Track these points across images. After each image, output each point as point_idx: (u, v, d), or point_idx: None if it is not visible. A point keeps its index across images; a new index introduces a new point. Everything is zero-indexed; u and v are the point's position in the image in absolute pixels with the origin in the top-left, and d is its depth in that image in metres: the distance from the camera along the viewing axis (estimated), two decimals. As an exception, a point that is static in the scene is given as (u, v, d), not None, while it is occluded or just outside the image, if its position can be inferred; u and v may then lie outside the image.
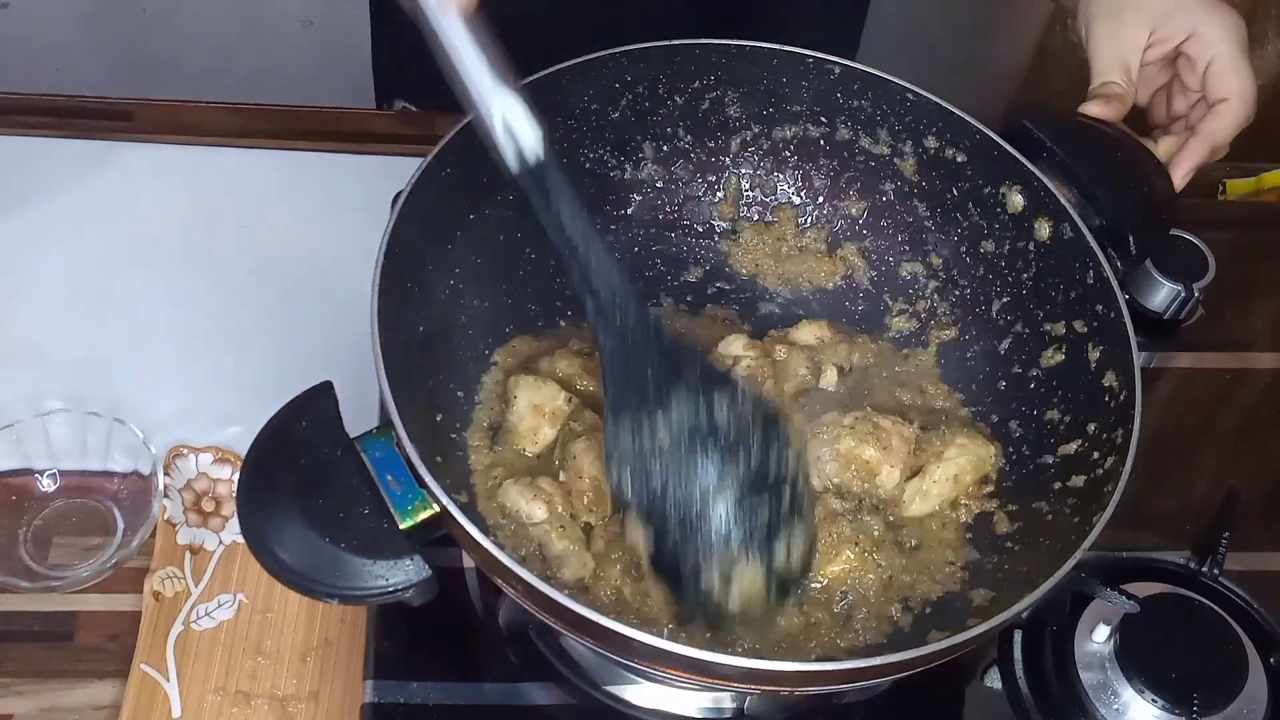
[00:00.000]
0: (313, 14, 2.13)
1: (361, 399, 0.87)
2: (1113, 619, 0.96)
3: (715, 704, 0.94)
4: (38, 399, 1.08)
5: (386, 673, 0.93)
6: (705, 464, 0.76)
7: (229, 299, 1.20)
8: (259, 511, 0.75)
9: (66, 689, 0.96)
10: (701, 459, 0.76)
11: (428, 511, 0.75)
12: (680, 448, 0.76)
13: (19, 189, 1.25)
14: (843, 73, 1.00)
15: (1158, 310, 1.22)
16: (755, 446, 0.77)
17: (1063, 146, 0.98)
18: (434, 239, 0.91)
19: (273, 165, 1.31)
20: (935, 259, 1.03)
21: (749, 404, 0.78)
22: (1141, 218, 0.98)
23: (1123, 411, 0.85)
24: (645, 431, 0.76)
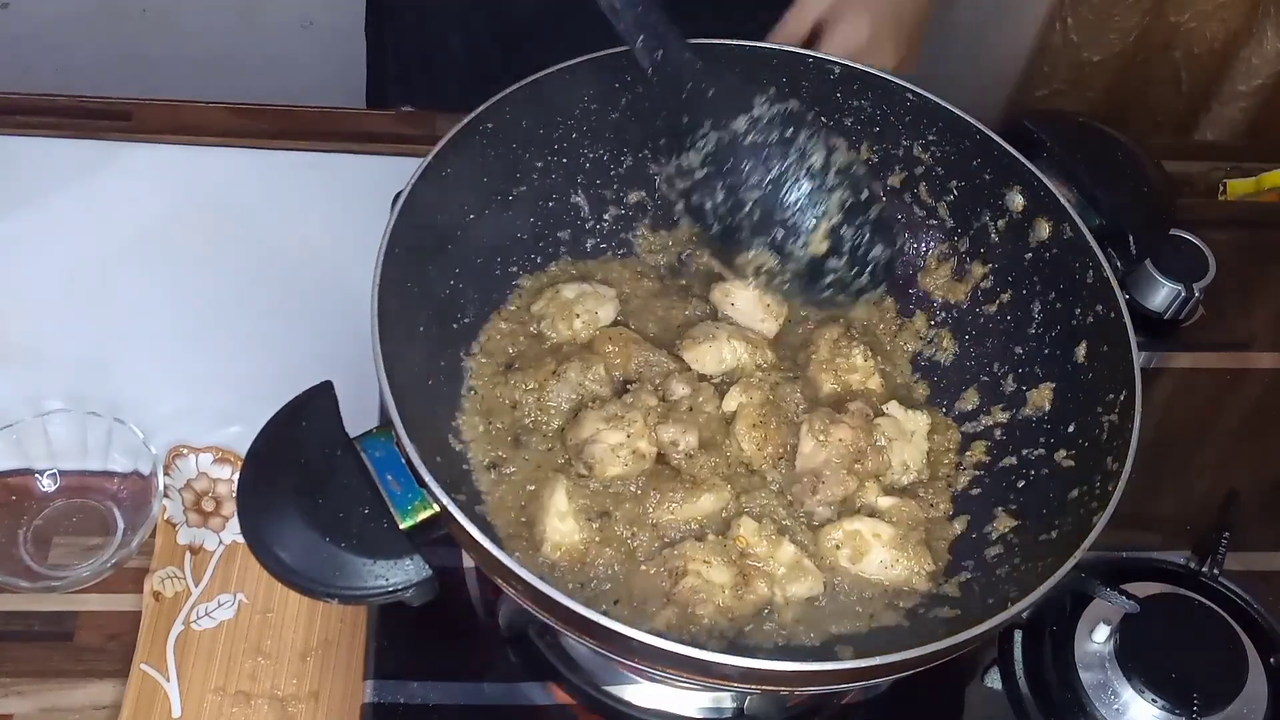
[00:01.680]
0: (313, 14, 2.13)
1: (361, 399, 0.87)
2: (1113, 619, 0.96)
3: (715, 704, 0.94)
4: (38, 399, 1.08)
5: (386, 673, 0.93)
6: (738, 177, 0.84)
7: (229, 299, 1.20)
8: (259, 511, 0.75)
9: (66, 689, 0.96)
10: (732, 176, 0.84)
11: (428, 511, 0.75)
12: (712, 171, 0.85)
13: (19, 189, 1.25)
14: (843, 73, 1.00)
15: (1158, 310, 1.22)
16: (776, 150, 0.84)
17: (1063, 146, 0.98)
18: (434, 239, 0.91)
19: (273, 165, 1.31)
20: (935, 258, 1.03)
21: (765, 112, 0.85)
22: (1141, 218, 0.98)
23: (1123, 411, 0.85)
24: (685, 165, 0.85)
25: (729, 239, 0.86)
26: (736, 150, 0.84)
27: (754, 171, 0.84)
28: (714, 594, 0.83)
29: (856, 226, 0.85)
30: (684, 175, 0.86)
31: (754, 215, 0.84)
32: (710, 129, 0.84)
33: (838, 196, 0.85)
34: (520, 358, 0.97)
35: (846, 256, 0.85)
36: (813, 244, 0.84)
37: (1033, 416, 0.95)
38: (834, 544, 0.87)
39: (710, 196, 0.85)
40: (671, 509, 0.87)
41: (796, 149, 0.85)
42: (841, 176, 0.85)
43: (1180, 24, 2.06)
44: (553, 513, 0.84)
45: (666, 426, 0.90)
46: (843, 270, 0.86)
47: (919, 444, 0.95)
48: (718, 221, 0.86)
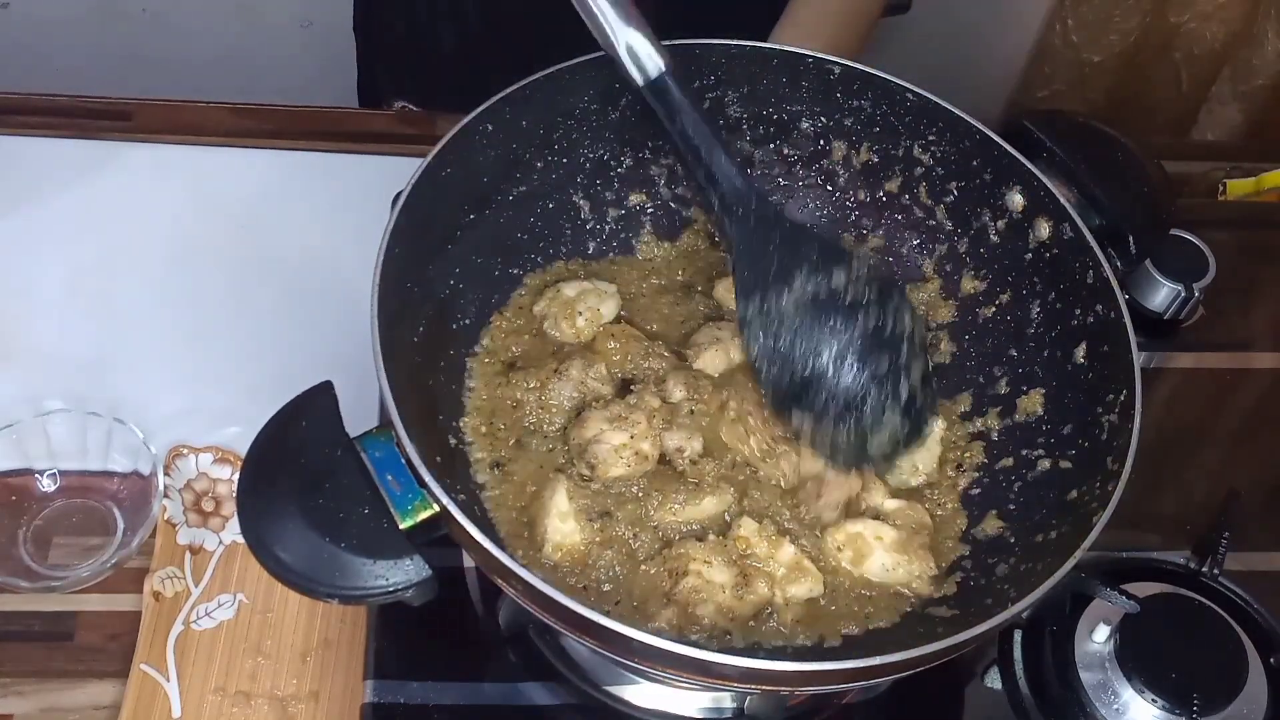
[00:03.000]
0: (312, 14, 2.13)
1: (361, 399, 0.87)
2: (1113, 619, 0.96)
3: (715, 704, 0.94)
4: (38, 399, 1.08)
5: (386, 673, 0.93)
6: (832, 324, 0.84)
7: (229, 299, 1.20)
8: (259, 511, 0.75)
9: (66, 689, 0.96)
10: (827, 320, 0.84)
11: (428, 511, 0.75)
12: (808, 313, 0.84)
13: (19, 189, 1.25)
14: (843, 73, 1.00)
15: (1158, 310, 1.22)
16: (874, 305, 0.85)
17: (1063, 146, 0.98)
18: (434, 239, 0.91)
19: (273, 165, 1.31)
20: (935, 259, 1.03)
21: (864, 270, 0.86)
22: (1141, 218, 0.98)
23: (1123, 411, 0.85)
24: (771, 310, 0.85)
25: (800, 392, 0.85)
26: (832, 303, 0.84)
27: (850, 326, 0.84)
28: (714, 594, 0.83)
29: (925, 393, 0.87)
30: (770, 318, 0.85)
31: (841, 368, 0.84)
32: (808, 277, 0.85)
33: (919, 364, 0.86)
34: (523, 357, 0.97)
35: (912, 418, 0.86)
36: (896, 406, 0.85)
37: (1030, 418, 0.95)
38: (836, 546, 0.87)
39: (804, 343, 0.84)
40: (673, 510, 0.87)
41: (891, 308, 0.85)
42: (922, 345, 0.87)
43: (1180, 24, 2.06)
44: (554, 513, 0.84)
45: (671, 433, 0.90)
46: (902, 435, 0.86)
47: (931, 447, 0.94)
48: (798, 370, 0.85)
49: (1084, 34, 2.08)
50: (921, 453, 0.93)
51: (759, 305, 0.85)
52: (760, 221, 0.87)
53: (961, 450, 0.96)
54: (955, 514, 0.93)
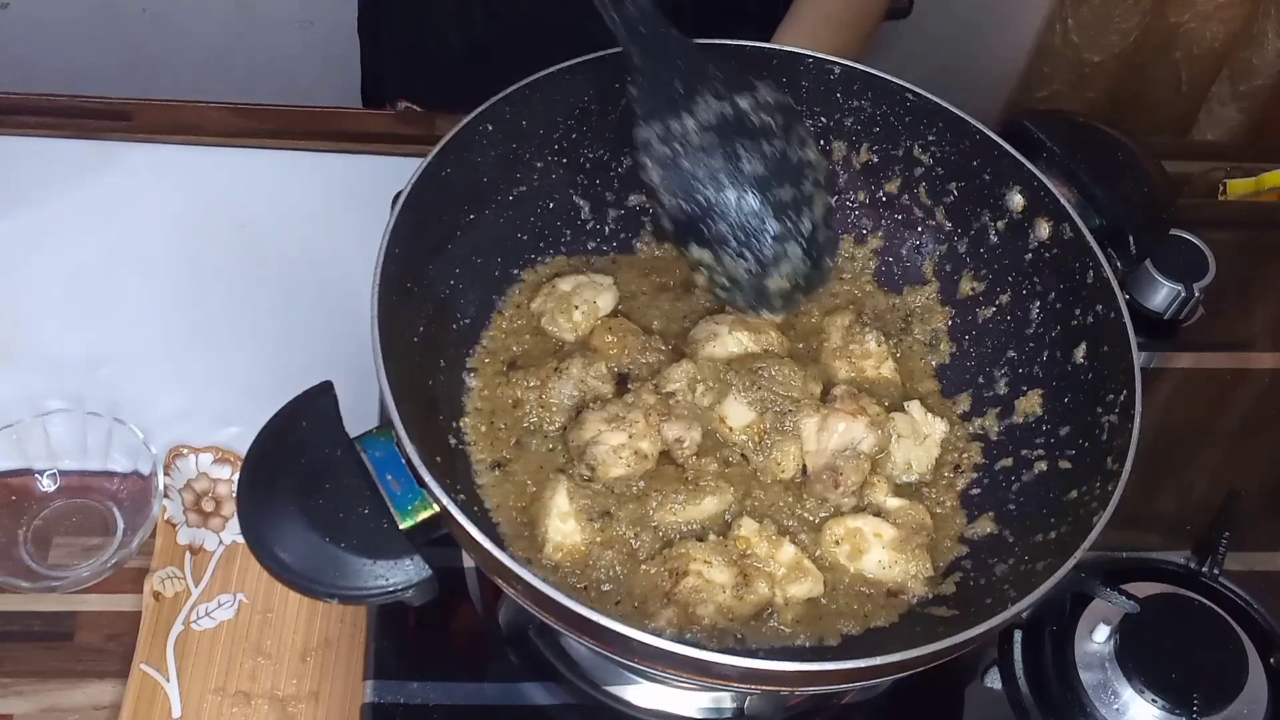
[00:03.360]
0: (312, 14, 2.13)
1: (361, 399, 0.87)
2: (1113, 619, 0.96)
3: (715, 704, 0.94)
4: (38, 399, 1.08)
5: (386, 673, 0.93)
6: (734, 149, 0.82)
7: (228, 299, 1.20)
8: (259, 511, 0.75)
9: (66, 689, 0.96)
10: (730, 145, 0.82)
11: (428, 511, 0.75)
12: (711, 137, 0.82)
13: (19, 189, 1.25)
14: (843, 73, 1.00)
15: (1158, 310, 1.22)
16: (778, 133, 0.83)
17: (1063, 146, 0.98)
18: (434, 239, 0.91)
19: (273, 165, 1.31)
20: (935, 259, 1.03)
21: (768, 97, 0.84)
22: (1141, 218, 0.98)
23: (1123, 411, 0.85)
24: (675, 132, 0.82)
25: (699, 216, 0.83)
26: (738, 125, 0.82)
27: (754, 149, 0.82)
28: (714, 594, 0.83)
29: (826, 229, 0.85)
30: (672, 139, 0.83)
31: (744, 196, 0.82)
32: (712, 99, 0.82)
33: (821, 197, 0.85)
34: (523, 356, 0.97)
35: (813, 256, 0.85)
36: (798, 237, 0.83)
37: (1030, 418, 0.95)
38: (834, 540, 0.87)
39: (705, 164, 0.82)
40: (673, 510, 0.87)
41: (796, 136, 0.84)
42: (826, 180, 0.85)
43: (1180, 24, 2.06)
44: (554, 514, 0.84)
45: (670, 424, 0.90)
46: (804, 268, 0.85)
47: (930, 449, 0.94)
48: (699, 193, 0.82)
49: (1084, 34, 2.08)
50: (918, 453, 0.93)
51: (661, 128, 0.83)
52: (664, 43, 0.85)
53: (960, 451, 0.96)
54: (954, 513, 0.93)
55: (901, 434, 0.93)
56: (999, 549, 0.89)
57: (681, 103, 0.82)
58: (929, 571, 0.87)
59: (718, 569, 0.83)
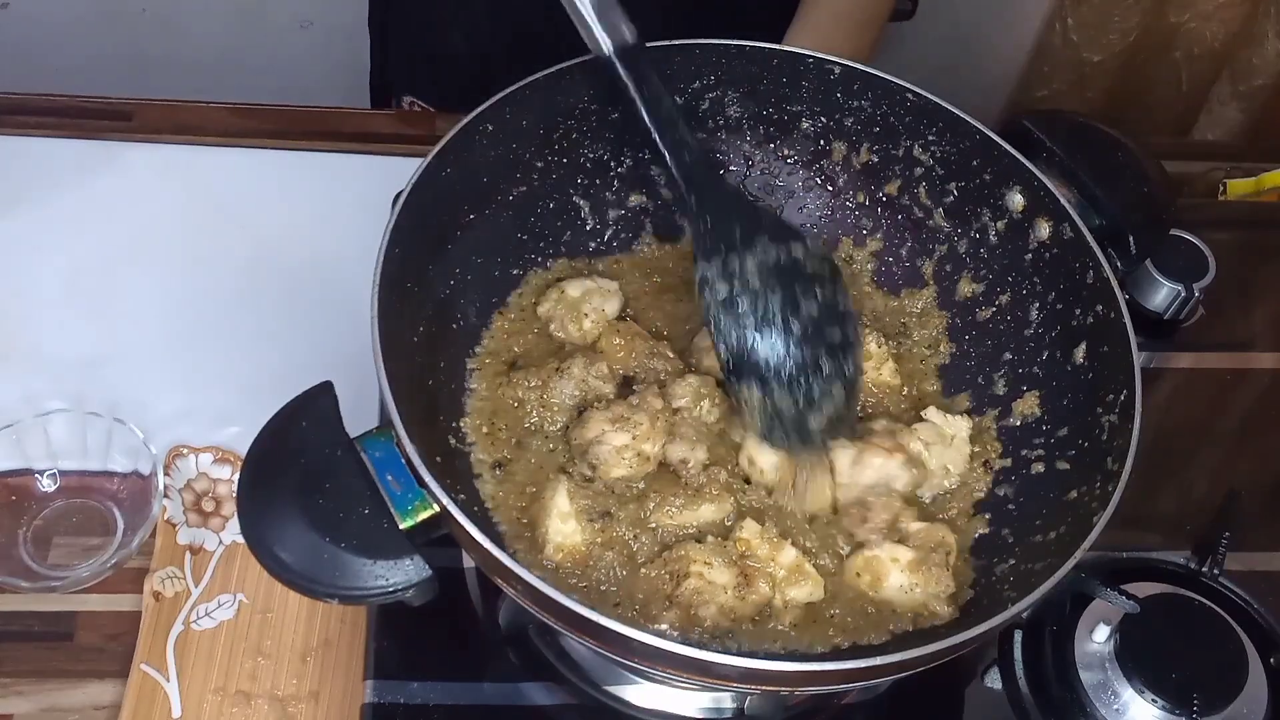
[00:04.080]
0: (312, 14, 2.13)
1: (361, 399, 0.87)
2: (1113, 619, 0.96)
3: (715, 704, 0.94)
4: (38, 399, 1.08)
5: (386, 673, 0.93)
6: (791, 292, 0.85)
7: (229, 299, 1.20)
8: (259, 511, 0.75)
9: (66, 689, 0.96)
10: (787, 287, 0.85)
11: (428, 511, 0.75)
12: (770, 277, 0.85)
13: (19, 189, 1.25)
14: (843, 73, 1.00)
15: (1158, 310, 1.22)
16: (829, 280, 0.87)
17: (1063, 146, 0.98)
18: (434, 239, 0.91)
19: (273, 165, 1.32)
20: (934, 259, 1.03)
21: (815, 247, 0.88)
22: (1141, 218, 0.98)
23: (1123, 411, 0.85)
24: (733, 270, 0.85)
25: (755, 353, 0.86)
26: (794, 270, 0.85)
27: (809, 293, 0.85)
28: (716, 595, 0.83)
29: (860, 375, 0.88)
30: (732, 278, 0.86)
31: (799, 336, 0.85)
32: (770, 243, 0.86)
33: (859, 347, 0.88)
34: (524, 356, 0.97)
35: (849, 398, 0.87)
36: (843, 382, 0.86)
37: (1029, 419, 0.95)
38: (854, 572, 0.86)
39: (764, 303, 0.85)
40: (670, 513, 0.87)
41: (841, 286, 0.87)
42: (859, 331, 0.89)
43: (1180, 24, 2.06)
44: (554, 514, 0.84)
45: (675, 445, 0.90)
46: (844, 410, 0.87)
47: (960, 448, 0.94)
48: (758, 331, 0.85)
49: (1084, 34, 2.08)
50: (950, 454, 0.93)
51: (721, 264, 0.86)
52: (721, 190, 0.89)
53: (987, 444, 0.95)
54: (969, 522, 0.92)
55: (930, 441, 0.92)
56: (999, 549, 0.89)
57: (741, 243, 0.86)
58: (950, 589, 0.86)
59: (719, 570, 0.83)
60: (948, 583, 0.85)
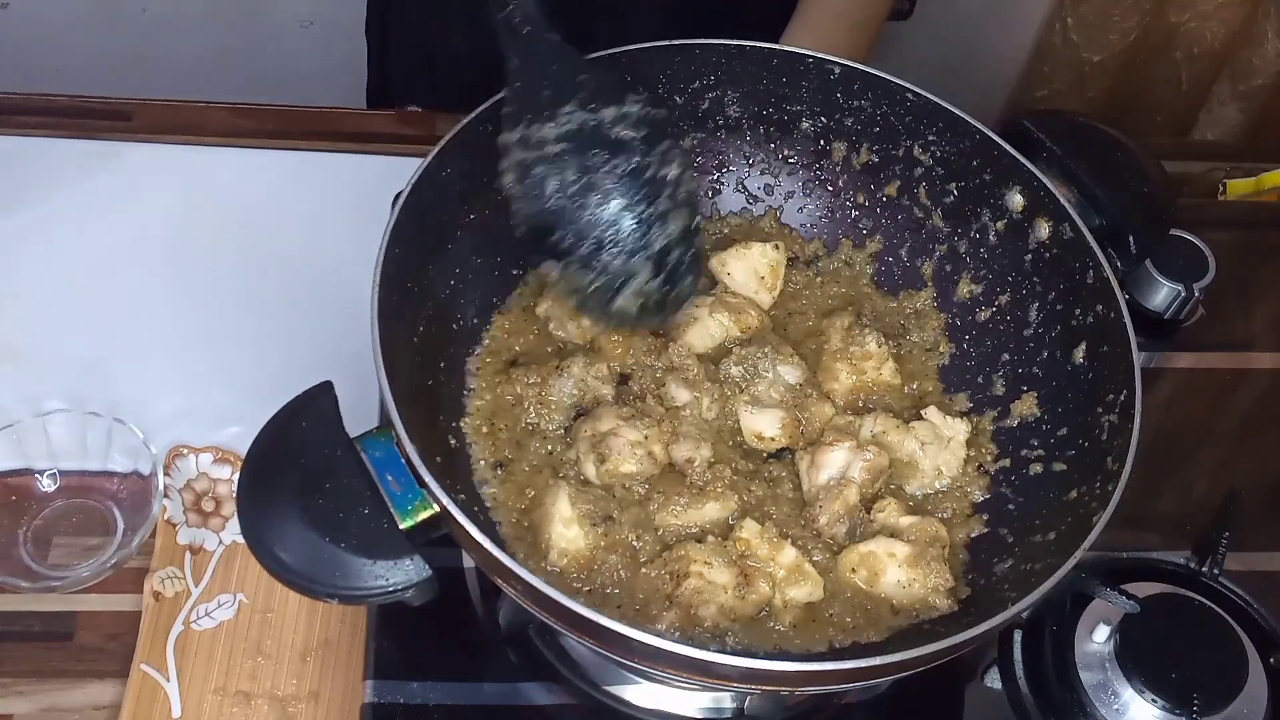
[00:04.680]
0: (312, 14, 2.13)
1: (361, 399, 0.87)
2: (1113, 619, 0.96)
3: (715, 704, 0.94)
4: (38, 399, 1.08)
5: (386, 673, 0.93)
6: (589, 160, 0.80)
7: (228, 299, 1.20)
8: (259, 511, 0.75)
9: (66, 689, 0.96)
10: (585, 155, 0.80)
11: (428, 511, 0.75)
12: (569, 146, 0.80)
13: (19, 189, 1.25)
14: (843, 73, 1.00)
15: (1158, 310, 1.22)
16: (639, 145, 0.81)
17: (1063, 146, 0.98)
18: (434, 239, 0.91)
19: (273, 165, 1.32)
20: (934, 259, 1.03)
21: (635, 110, 0.82)
22: (1141, 218, 0.98)
23: (1123, 411, 0.85)
24: (532, 139, 0.81)
25: (550, 226, 0.82)
26: (597, 137, 0.81)
27: (610, 163, 0.80)
28: (716, 595, 0.83)
29: (682, 250, 0.84)
30: (530, 146, 0.81)
31: (594, 209, 0.80)
32: (576, 109, 0.81)
33: (681, 216, 0.83)
34: (524, 354, 0.97)
35: (660, 278, 0.83)
36: (646, 254, 0.82)
37: (1029, 419, 0.95)
38: (849, 567, 0.86)
39: (559, 174, 0.80)
40: (675, 513, 0.87)
41: (658, 153, 0.82)
42: (688, 200, 0.83)
43: (1180, 24, 2.06)
44: (557, 520, 0.84)
45: (679, 445, 0.90)
46: (653, 288, 0.84)
47: (956, 450, 0.93)
48: (548, 202, 0.81)
49: (1084, 34, 2.08)
50: (945, 455, 0.93)
51: (521, 132, 0.81)
52: (542, 47, 0.83)
53: (982, 448, 0.95)
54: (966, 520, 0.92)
55: (926, 441, 0.92)
56: (999, 549, 0.89)
57: (546, 111, 0.81)
58: (949, 582, 0.86)
59: (719, 569, 0.83)
60: (945, 576, 0.86)
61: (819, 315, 1.02)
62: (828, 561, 0.87)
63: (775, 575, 0.85)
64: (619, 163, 0.81)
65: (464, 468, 0.90)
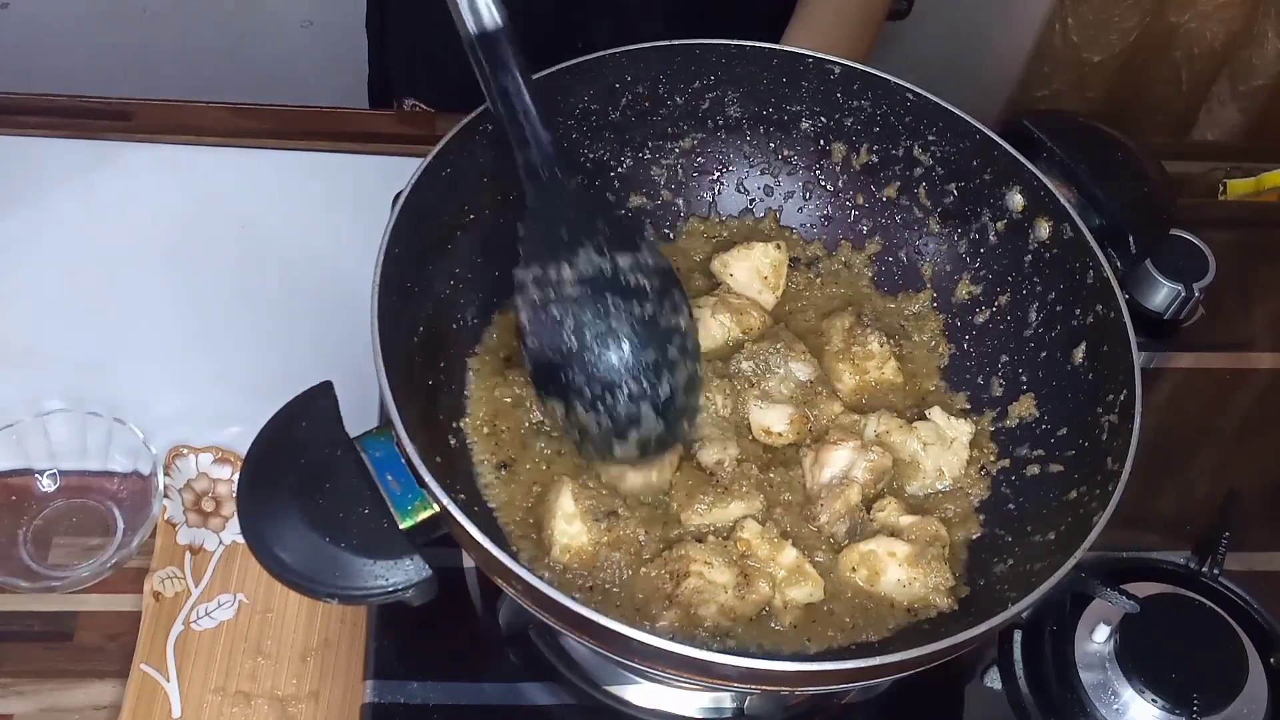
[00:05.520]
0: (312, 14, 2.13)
1: (361, 399, 0.87)
2: (1113, 619, 0.96)
3: (715, 704, 0.94)
4: (38, 399, 1.08)
5: (386, 673, 0.93)
6: (604, 306, 0.81)
7: (229, 299, 1.20)
8: (259, 511, 0.75)
9: (66, 689, 0.96)
10: (600, 301, 0.81)
11: (428, 511, 0.75)
12: (585, 291, 0.81)
13: (19, 189, 1.25)
14: (843, 73, 1.00)
15: (1158, 310, 1.22)
16: (652, 295, 0.82)
17: (1063, 146, 0.98)
18: (434, 239, 0.91)
19: (273, 165, 1.32)
20: (934, 260, 1.03)
21: (649, 259, 0.83)
22: (1141, 218, 0.98)
23: (1123, 411, 0.85)
24: (550, 279, 0.81)
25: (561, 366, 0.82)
26: (613, 282, 0.81)
27: (624, 309, 0.81)
28: (716, 595, 0.83)
29: (686, 399, 0.84)
30: (546, 285, 0.82)
31: (606, 352, 0.81)
32: (592, 254, 0.82)
33: (688, 366, 0.84)
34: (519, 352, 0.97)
35: (664, 424, 0.83)
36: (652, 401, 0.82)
37: (1028, 419, 0.95)
38: (850, 567, 0.87)
39: (574, 316, 0.81)
40: (700, 511, 0.87)
41: (670, 302, 0.83)
42: (694, 351, 0.84)
43: (1180, 24, 2.06)
44: (559, 515, 0.84)
45: (705, 449, 0.90)
46: (657, 433, 0.83)
47: (959, 451, 0.93)
48: (563, 342, 0.81)
49: (1084, 34, 2.08)
50: (948, 456, 0.93)
51: (538, 272, 0.82)
52: (559, 192, 0.84)
53: (985, 449, 0.95)
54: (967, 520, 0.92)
55: (928, 441, 0.92)
56: (999, 549, 0.89)
57: (564, 252, 0.82)
58: (949, 582, 0.86)
59: (719, 569, 0.83)
60: (946, 576, 0.86)
61: (819, 316, 1.02)
62: (828, 561, 0.87)
63: (775, 575, 0.85)
64: (633, 309, 0.82)
65: (465, 468, 0.90)
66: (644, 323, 0.82)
